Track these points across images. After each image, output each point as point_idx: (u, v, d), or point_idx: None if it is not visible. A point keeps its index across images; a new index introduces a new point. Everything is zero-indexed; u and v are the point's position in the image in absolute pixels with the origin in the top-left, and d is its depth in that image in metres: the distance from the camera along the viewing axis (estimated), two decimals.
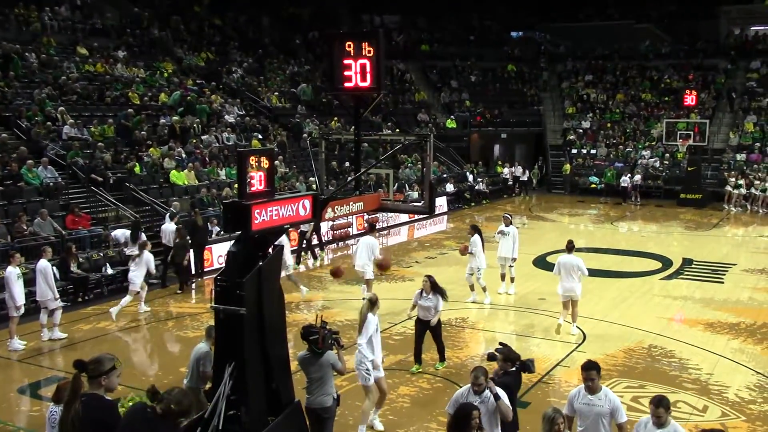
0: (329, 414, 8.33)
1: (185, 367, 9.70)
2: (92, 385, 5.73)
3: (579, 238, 25.04)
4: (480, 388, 7.40)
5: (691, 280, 18.79)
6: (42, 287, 13.44)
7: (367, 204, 9.13)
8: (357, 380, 10.59)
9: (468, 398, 7.40)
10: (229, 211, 7.43)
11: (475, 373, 7.52)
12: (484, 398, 7.39)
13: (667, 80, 41.07)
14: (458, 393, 7.58)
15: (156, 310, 15.94)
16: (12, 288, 12.94)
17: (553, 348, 13.23)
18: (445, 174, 33.92)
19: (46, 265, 13.55)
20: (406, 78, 43.04)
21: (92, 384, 5.73)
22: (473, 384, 7.43)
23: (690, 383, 11.46)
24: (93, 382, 5.74)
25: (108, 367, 5.76)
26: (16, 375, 12.13)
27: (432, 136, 9.74)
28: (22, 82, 24.00)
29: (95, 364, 5.76)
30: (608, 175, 36.26)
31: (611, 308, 15.77)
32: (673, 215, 30.43)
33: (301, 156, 29.11)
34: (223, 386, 7.30)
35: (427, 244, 23.98)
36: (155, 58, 31.21)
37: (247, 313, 7.29)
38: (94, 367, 5.73)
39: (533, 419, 9.76)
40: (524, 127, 40.90)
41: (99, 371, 5.72)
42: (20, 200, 18.48)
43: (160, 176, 22.68)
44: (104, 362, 5.79)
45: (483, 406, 7.28)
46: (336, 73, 8.50)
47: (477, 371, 7.55)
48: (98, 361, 5.79)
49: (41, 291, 13.48)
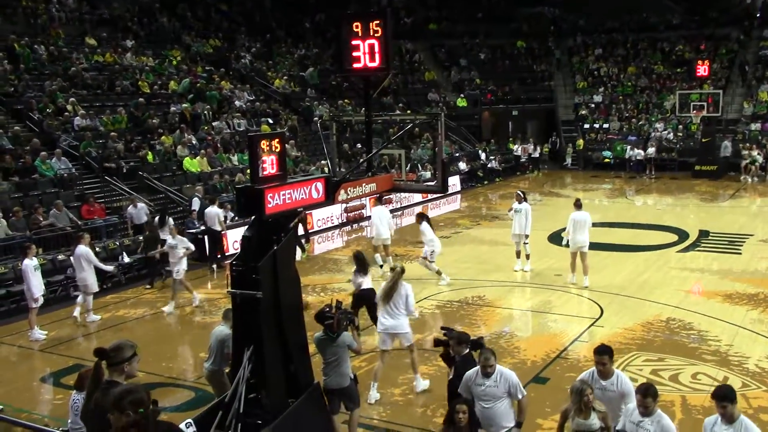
0: (348, 394, 8.38)
1: (204, 352, 9.76)
2: (114, 372, 5.74)
3: (594, 212, 24.87)
4: (491, 369, 7.26)
5: (708, 251, 18.68)
6: (83, 272, 13.80)
7: (379, 185, 9.10)
8: (374, 361, 10.66)
9: (477, 381, 7.27)
10: (243, 196, 7.45)
11: (486, 354, 7.37)
12: (496, 379, 7.27)
13: (679, 51, 40.61)
14: (468, 375, 7.42)
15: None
16: (30, 280, 13.05)
17: (570, 323, 13.22)
18: (457, 153, 33.80)
19: (85, 250, 13.87)
20: (415, 58, 42.82)
21: (113, 371, 5.74)
22: (484, 366, 7.28)
23: (709, 355, 11.41)
24: (114, 369, 5.74)
25: (129, 354, 5.76)
26: (38, 365, 12.26)
27: (443, 115, 9.69)
28: (32, 75, 24.08)
29: (116, 351, 5.76)
30: (618, 149, 36.07)
31: (628, 282, 15.71)
32: (688, 187, 30.22)
33: (313, 139, 29.09)
34: (243, 370, 7.35)
35: (441, 224, 23.92)
36: (163, 47, 31.20)
37: (264, 297, 7.32)
38: (115, 355, 5.73)
39: (552, 395, 9.80)
40: (535, 103, 40.61)
41: (120, 358, 5.72)
42: (35, 192, 18.60)
43: (173, 164, 22.76)
44: (125, 349, 5.79)
45: (495, 388, 7.21)
46: (344, 55, 8.45)
47: (487, 353, 7.40)
48: (119, 349, 5.78)
49: (81, 276, 13.86)
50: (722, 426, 6.34)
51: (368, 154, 9.31)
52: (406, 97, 37.79)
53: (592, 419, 6.72)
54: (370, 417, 9.39)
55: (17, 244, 15.80)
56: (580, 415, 6.77)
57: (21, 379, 11.48)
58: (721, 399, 6.37)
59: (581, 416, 6.76)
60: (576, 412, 6.80)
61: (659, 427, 6.43)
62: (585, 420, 6.73)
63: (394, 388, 10.35)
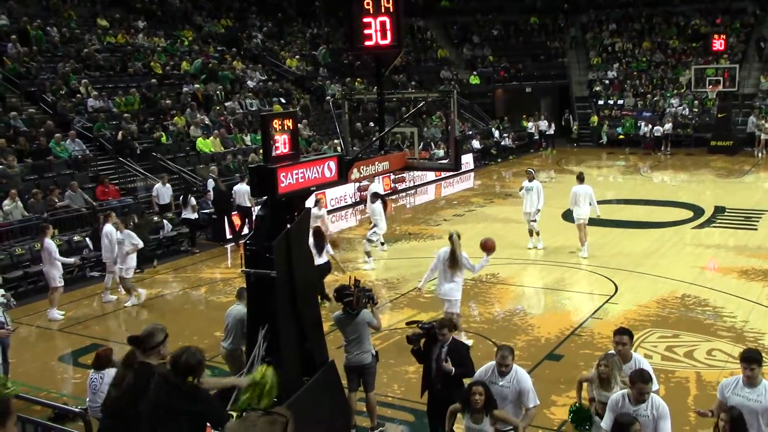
0: (369, 371, 8.43)
1: (220, 331, 9.82)
2: (150, 356, 5.84)
3: (608, 189, 24.86)
4: (507, 369, 6.82)
5: (723, 228, 18.56)
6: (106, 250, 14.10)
7: (392, 163, 9.08)
8: (390, 338, 10.72)
9: (491, 378, 6.87)
10: (256, 176, 7.45)
11: (502, 352, 6.89)
12: (510, 380, 6.83)
13: (695, 25, 40.07)
14: (484, 369, 7.01)
15: (188, 276, 16.15)
16: (57, 259, 13.23)
17: (584, 300, 13.20)
18: (470, 131, 33.64)
19: (111, 229, 14.08)
20: (427, 35, 42.52)
21: (150, 355, 5.84)
22: (500, 364, 6.85)
23: (725, 331, 11.38)
24: (151, 353, 5.84)
25: (162, 338, 5.89)
26: (56, 344, 12.40)
27: (455, 92, 9.64)
28: (45, 57, 24.12)
29: (149, 337, 5.86)
30: (627, 126, 35.82)
31: (643, 259, 15.65)
32: (703, 163, 29.99)
33: (325, 119, 29.04)
34: (257, 348, 7.40)
35: (455, 202, 23.92)
36: (175, 27, 31.14)
37: (278, 276, 7.34)
38: (150, 340, 5.83)
39: (566, 372, 9.82)
40: (549, 80, 40.26)
41: (155, 343, 5.82)
42: (50, 174, 18.71)
43: (186, 144, 22.82)
44: (157, 334, 5.91)
45: (507, 389, 6.82)
46: (356, 32, 8.41)
47: (504, 350, 6.92)
48: (151, 334, 5.89)
49: (106, 254, 14.14)
50: (744, 389, 6.32)
51: (381, 133, 9.29)
52: (418, 75, 37.58)
53: (614, 392, 6.72)
54: (385, 395, 9.44)
55: (34, 225, 15.92)
56: (601, 386, 6.80)
57: (39, 358, 11.61)
58: (750, 361, 6.36)
59: (603, 388, 6.78)
60: (597, 383, 6.85)
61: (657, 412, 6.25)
62: (606, 392, 6.75)
63: (408, 365, 10.38)
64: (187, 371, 5.37)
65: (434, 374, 7.68)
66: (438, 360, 7.59)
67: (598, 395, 6.85)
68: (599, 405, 6.84)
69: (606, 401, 6.73)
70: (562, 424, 8.46)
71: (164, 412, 5.32)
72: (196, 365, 5.41)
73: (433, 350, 7.70)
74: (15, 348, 10.75)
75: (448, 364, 7.45)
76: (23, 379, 10.36)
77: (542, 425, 8.53)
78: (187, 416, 5.31)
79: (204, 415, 5.40)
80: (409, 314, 12.72)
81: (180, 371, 5.38)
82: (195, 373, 5.39)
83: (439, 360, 7.58)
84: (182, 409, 5.29)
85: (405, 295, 13.90)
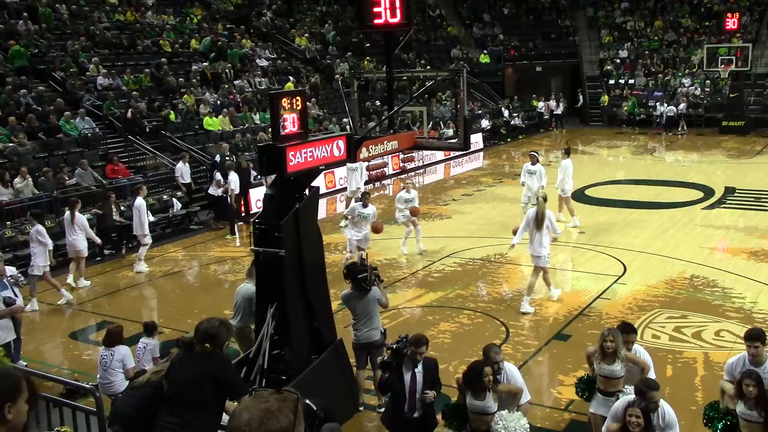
0: (377, 347, 8.45)
1: (229, 309, 9.88)
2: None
3: (618, 170, 24.79)
4: (498, 369, 6.63)
5: (733, 208, 18.48)
6: (137, 223, 14.67)
7: (401, 142, 9.08)
8: (398, 317, 10.75)
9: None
10: (264, 154, 7.47)
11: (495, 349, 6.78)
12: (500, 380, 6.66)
13: (708, 3, 39.60)
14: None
15: (197, 254, 16.22)
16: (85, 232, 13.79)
17: (592, 281, 13.20)
18: (479, 110, 33.49)
19: (141, 202, 14.66)
20: (436, 13, 42.21)
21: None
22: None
23: (733, 312, 11.36)
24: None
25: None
26: (68, 321, 12.49)
27: (465, 71, 9.59)
28: (54, 34, 24.08)
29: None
30: (630, 105, 35.62)
31: (652, 239, 15.61)
32: (714, 143, 29.79)
33: (335, 97, 28.94)
34: (266, 327, 7.46)
35: (464, 182, 23.87)
36: (184, 4, 31.02)
37: (287, 255, 7.37)
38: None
39: (574, 351, 9.83)
40: (559, 59, 39.96)
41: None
42: (60, 152, 18.76)
43: (195, 123, 22.81)
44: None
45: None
46: (365, 10, 8.37)
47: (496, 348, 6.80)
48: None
49: (136, 226, 14.74)
50: (751, 367, 6.37)
51: (390, 112, 9.27)
52: (428, 53, 37.34)
53: (615, 365, 6.77)
54: None
55: (44, 203, 15.99)
56: (604, 360, 6.82)
57: (51, 335, 11.72)
58: (753, 339, 6.46)
59: (605, 361, 6.81)
60: (600, 356, 6.86)
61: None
62: (608, 365, 6.79)
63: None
64: (205, 338, 5.45)
65: (408, 402, 6.81)
66: (413, 385, 6.77)
67: (599, 369, 6.89)
68: (601, 379, 6.89)
69: (607, 374, 6.79)
70: (570, 403, 8.49)
71: (185, 377, 5.40)
72: (213, 334, 5.45)
73: (405, 373, 6.81)
74: (26, 325, 10.85)
75: (430, 395, 6.73)
76: (35, 355, 10.49)
77: (550, 404, 8.57)
78: (207, 380, 5.37)
79: (221, 381, 5.44)
80: (417, 293, 12.78)
81: (199, 337, 5.48)
82: (213, 341, 5.44)
83: (414, 385, 6.76)
84: (201, 373, 5.36)
85: (414, 274, 13.93)
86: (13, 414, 3.03)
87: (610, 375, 6.82)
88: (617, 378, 6.82)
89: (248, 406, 2.66)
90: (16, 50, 21.31)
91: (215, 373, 5.43)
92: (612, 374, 6.81)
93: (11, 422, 3.03)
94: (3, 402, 3.00)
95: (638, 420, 5.71)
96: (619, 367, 6.78)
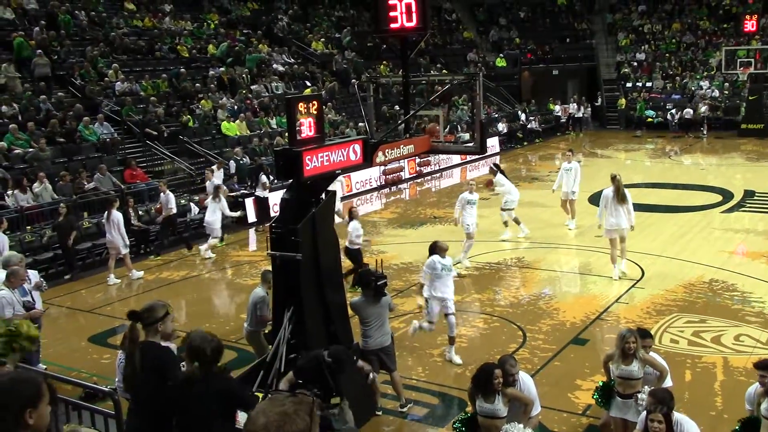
0: (389, 352, 8.47)
1: (245, 314, 9.92)
2: (149, 333, 5.81)
3: (636, 173, 24.61)
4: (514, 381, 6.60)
5: (753, 212, 18.31)
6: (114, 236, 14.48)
7: (417, 146, 9.08)
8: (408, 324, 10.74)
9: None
10: (281, 159, 7.49)
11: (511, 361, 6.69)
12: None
13: (726, 5, 39.29)
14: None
15: (215, 258, 16.27)
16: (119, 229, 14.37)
17: (610, 285, 13.12)
18: (495, 114, 33.43)
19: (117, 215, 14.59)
20: (453, 17, 42.21)
21: (149, 332, 5.81)
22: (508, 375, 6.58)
23: (753, 316, 11.25)
24: (149, 330, 5.81)
25: (162, 314, 5.81)
26: (86, 325, 12.57)
27: (481, 74, 9.59)
28: (73, 41, 24.31)
29: (149, 312, 5.82)
30: (639, 107, 35.48)
31: (670, 243, 15.50)
32: (733, 146, 29.55)
33: (351, 102, 29.01)
34: (283, 330, 7.48)
35: (481, 185, 23.77)
36: (201, 10, 31.23)
37: (303, 259, 7.39)
38: (148, 315, 5.79)
39: (592, 356, 9.79)
40: (576, 62, 39.81)
41: (154, 318, 5.79)
42: (79, 157, 18.92)
43: (213, 128, 22.95)
44: (157, 309, 5.84)
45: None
46: (381, 14, 8.39)
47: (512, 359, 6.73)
48: (151, 309, 5.84)
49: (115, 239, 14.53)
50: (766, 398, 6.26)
51: (406, 116, 9.27)
52: (444, 57, 37.36)
53: (633, 366, 6.75)
54: (409, 377, 9.48)
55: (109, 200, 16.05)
56: (623, 361, 6.80)
57: (69, 339, 11.81)
58: (765, 368, 6.31)
59: (624, 362, 6.79)
60: (619, 357, 6.83)
61: None
62: (627, 366, 6.77)
63: (432, 349, 10.43)
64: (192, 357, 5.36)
65: None
66: None
67: (617, 370, 6.86)
68: (619, 381, 6.87)
69: (626, 376, 6.78)
70: (587, 408, 8.44)
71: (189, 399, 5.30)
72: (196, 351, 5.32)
73: None
74: (46, 328, 10.93)
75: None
76: (54, 359, 10.56)
77: (567, 409, 8.53)
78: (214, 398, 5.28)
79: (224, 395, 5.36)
80: None
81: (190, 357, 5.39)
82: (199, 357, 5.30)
83: None
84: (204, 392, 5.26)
85: None
86: (35, 419, 3.06)
87: (628, 376, 6.79)
88: (636, 379, 6.80)
89: (264, 409, 2.67)
90: (19, 42, 21.51)
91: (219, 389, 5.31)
92: (630, 375, 6.79)
93: (33, 427, 3.06)
94: (24, 407, 3.03)
95: (660, 426, 5.68)
96: (637, 368, 6.78)
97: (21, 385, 3.12)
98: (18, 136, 18.02)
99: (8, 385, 3.11)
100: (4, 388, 3.08)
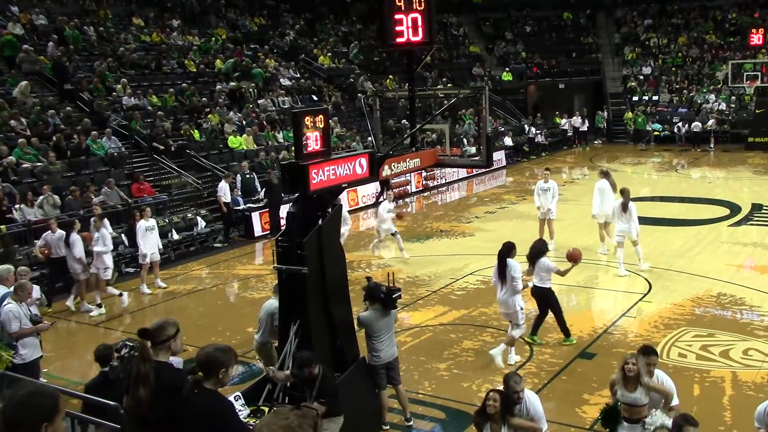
0: (395, 365, 8.44)
1: (252, 327, 9.91)
2: (159, 352, 5.68)
3: (643, 186, 24.56)
4: (519, 398, 6.59)
5: (761, 225, 18.23)
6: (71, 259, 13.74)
7: (424, 160, 9.09)
8: (421, 335, 10.71)
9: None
10: (287, 172, 7.50)
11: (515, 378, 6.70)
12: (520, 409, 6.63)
13: (732, 19, 39.32)
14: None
15: (221, 272, 16.30)
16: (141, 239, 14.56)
17: (618, 299, 13.08)
18: (501, 128, 33.47)
19: (76, 238, 13.68)
20: (459, 32, 42.35)
21: (159, 351, 5.68)
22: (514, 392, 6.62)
23: (762, 330, 11.18)
24: (160, 348, 5.68)
25: (173, 332, 5.71)
26: (93, 339, 12.56)
27: (487, 88, 9.61)
28: (82, 56, 24.49)
29: (160, 330, 5.71)
30: (639, 121, 35.48)
31: (677, 257, 15.44)
32: (740, 160, 29.48)
33: (357, 116, 29.09)
34: (289, 344, 7.47)
35: (487, 199, 23.82)
36: (209, 25, 31.43)
37: (309, 273, 7.38)
38: (160, 334, 5.69)
39: (599, 370, 9.74)
40: (582, 76, 39.86)
41: (165, 337, 5.68)
42: (87, 171, 18.99)
43: (220, 142, 23.03)
44: (168, 327, 5.73)
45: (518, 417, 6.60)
46: (387, 29, 8.42)
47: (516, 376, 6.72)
48: (162, 327, 5.70)
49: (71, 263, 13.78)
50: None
51: (412, 130, 9.29)
52: (450, 71, 37.46)
53: (637, 393, 6.64)
54: (416, 391, 9.44)
55: (68, 222, 16.13)
56: (626, 387, 6.70)
57: (76, 353, 11.82)
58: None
59: (627, 389, 6.70)
60: (622, 383, 6.74)
61: None
62: (631, 393, 6.67)
63: (439, 363, 10.39)
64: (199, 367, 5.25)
65: None
66: None
67: (622, 397, 6.74)
68: (624, 407, 6.77)
69: (630, 402, 6.66)
70: (595, 422, 8.39)
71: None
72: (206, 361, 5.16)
73: None
74: (52, 342, 10.95)
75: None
76: (60, 372, 10.57)
77: (574, 424, 8.48)
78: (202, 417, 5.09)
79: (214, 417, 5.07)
80: (441, 311, 12.72)
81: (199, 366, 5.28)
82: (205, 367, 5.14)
83: None
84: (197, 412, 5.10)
85: (436, 292, 13.88)
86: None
87: (633, 403, 6.67)
88: (641, 406, 6.67)
89: (269, 422, 2.67)
90: (7, 39, 21.62)
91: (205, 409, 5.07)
92: (635, 402, 6.65)
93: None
94: (41, 422, 3.02)
95: None
96: (641, 394, 6.64)
97: (38, 399, 3.12)
98: (26, 151, 18.11)
99: (25, 400, 3.11)
100: (21, 402, 3.09)
